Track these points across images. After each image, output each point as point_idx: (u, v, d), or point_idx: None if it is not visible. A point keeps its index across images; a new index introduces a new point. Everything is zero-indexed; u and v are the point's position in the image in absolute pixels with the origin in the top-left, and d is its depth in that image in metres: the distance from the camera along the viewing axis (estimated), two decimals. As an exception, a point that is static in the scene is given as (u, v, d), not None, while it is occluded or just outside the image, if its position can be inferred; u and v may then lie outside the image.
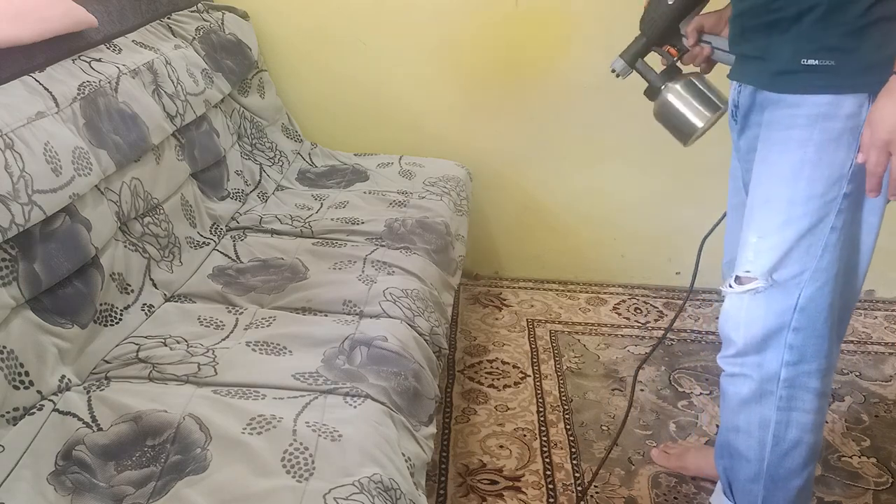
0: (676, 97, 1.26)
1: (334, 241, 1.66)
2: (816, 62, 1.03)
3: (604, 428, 1.69)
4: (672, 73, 1.27)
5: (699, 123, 1.25)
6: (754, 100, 1.14)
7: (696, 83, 1.26)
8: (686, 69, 1.29)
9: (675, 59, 1.27)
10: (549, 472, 1.56)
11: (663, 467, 1.57)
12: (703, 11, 1.27)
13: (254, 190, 1.88)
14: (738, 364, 1.18)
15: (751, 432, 1.18)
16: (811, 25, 1.03)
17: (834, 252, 1.08)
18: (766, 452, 1.17)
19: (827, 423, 1.73)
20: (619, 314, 2.18)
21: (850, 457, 1.63)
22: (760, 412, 1.16)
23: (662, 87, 1.27)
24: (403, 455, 1.08)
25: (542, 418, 1.73)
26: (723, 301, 1.20)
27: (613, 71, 1.30)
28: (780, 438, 1.16)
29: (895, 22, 1.00)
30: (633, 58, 1.29)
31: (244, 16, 2.09)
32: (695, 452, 1.56)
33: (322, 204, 1.86)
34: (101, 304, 1.27)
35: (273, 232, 1.70)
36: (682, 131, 1.27)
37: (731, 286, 1.15)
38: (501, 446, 1.63)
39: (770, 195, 1.11)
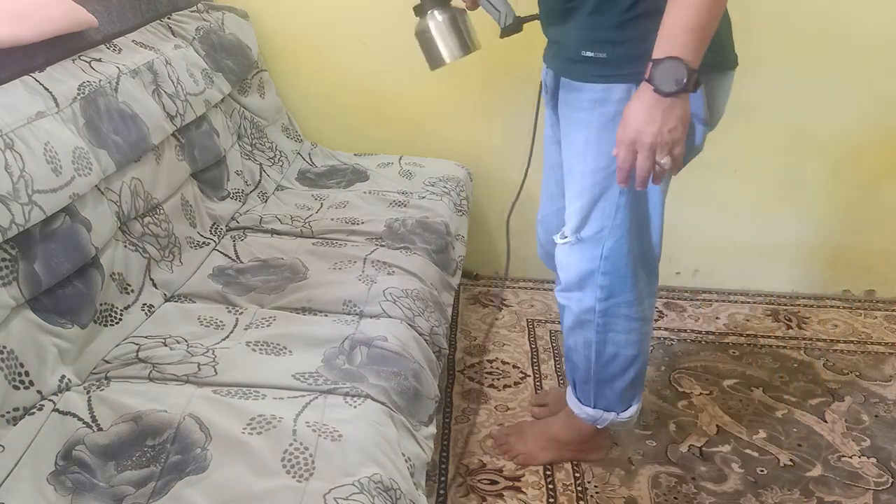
0: (437, 29, 1.36)
1: (334, 241, 1.66)
2: (592, 54, 1.16)
3: (604, 428, 1.69)
4: (443, 1, 1.36)
5: (447, 59, 1.38)
6: (558, 80, 1.27)
7: (458, 21, 1.36)
8: (455, 2, 1.38)
9: None
10: (549, 472, 1.56)
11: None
12: None
13: (254, 190, 1.88)
14: (565, 297, 1.41)
15: (578, 350, 1.44)
16: (587, 18, 1.15)
17: (625, 211, 1.26)
18: (591, 364, 1.42)
19: (826, 422, 1.73)
20: (619, 314, 2.17)
21: (850, 457, 1.63)
22: (584, 335, 1.41)
23: (429, 12, 1.36)
24: (403, 455, 1.08)
25: (542, 418, 1.73)
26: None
27: None
28: (600, 353, 1.41)
29: (656, 16, 1.06)
30: None
31: (244, 16, 2.09)
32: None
33: (322, 204, 1.86)
34: (101, 304, 1.27)
35: (273, 232, 1.70)
36: (433, 59, 1.39)
37: (560, 237, 1.36)
38: (501, 446, 1.63)
39: (570, 168, 1.29)
